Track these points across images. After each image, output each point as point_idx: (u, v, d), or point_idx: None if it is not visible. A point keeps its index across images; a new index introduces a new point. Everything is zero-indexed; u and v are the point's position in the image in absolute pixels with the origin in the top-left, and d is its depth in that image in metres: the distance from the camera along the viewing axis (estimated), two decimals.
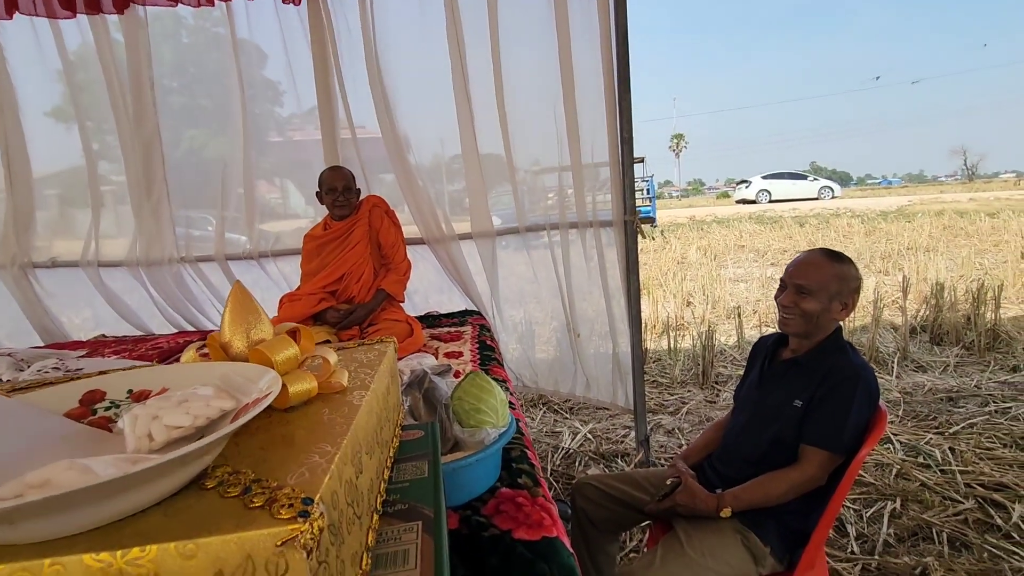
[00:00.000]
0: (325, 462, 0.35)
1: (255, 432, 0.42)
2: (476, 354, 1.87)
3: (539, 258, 2.61)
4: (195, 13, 2.28)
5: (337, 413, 0.46)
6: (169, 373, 0.57)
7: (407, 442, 0.70)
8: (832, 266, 1.29)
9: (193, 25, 2.27)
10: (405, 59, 2.41)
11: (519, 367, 2.73)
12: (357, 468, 0.41)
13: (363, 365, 0.65)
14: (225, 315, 0.57)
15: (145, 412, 0.35)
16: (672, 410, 3.13)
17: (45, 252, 2.44)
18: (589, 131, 2.40)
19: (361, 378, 0.58)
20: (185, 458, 0.30)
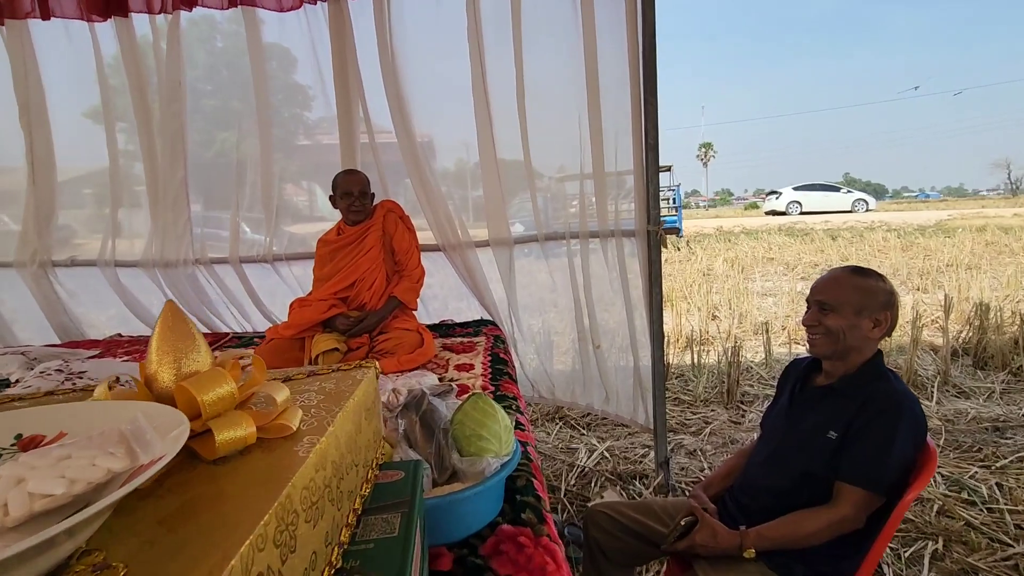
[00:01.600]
0: (221, 556, 0.26)
1: (165, 494, 0.34)
2: (488, 367, 1.79)
3: (559, 267, 2.52)
4: (229, 18, 2.30)
5: (276, 467, 0.38)
6: (71, 413, 0.48)
7: (383, 486, 0.62)
8: (853, 279, 1.18)
9: (227, 30, 2.28)
10: (423, 62, 2.36)
11: (536, 377, 2.64)
12: (286, 547, 0.32)
13: (330, 398, 0.57)
14: (152, 341, 0.50)
15: (10, 473, 0.28)
16: (695, 430, 3.00)
17: (82, 250, 2.43)
18: (613, 137, 2.32)
19: (322, 417, 0.50)
20: (39, 547, 0.22)
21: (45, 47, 2.33)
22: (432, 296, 2.59)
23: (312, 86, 2.38)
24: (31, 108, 2.32)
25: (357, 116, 2.30)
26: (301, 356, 1.90)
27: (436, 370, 1.80)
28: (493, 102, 2.34)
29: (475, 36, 2.28)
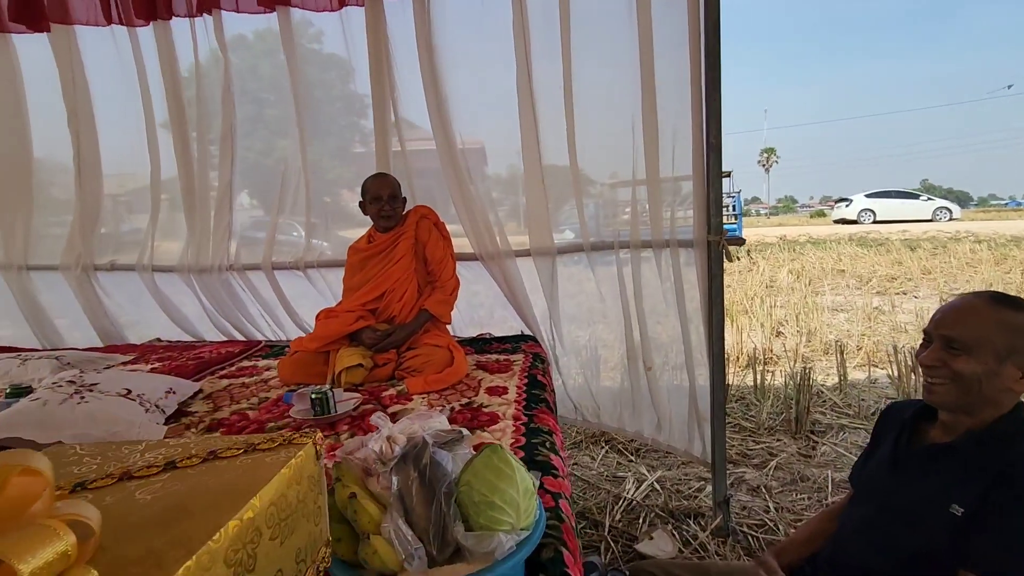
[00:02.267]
0: None
1: None
2: (523, 392, 1.60)
3: (606, 278, 2.31)
4: (293, 31, 2.27)
5: None
6: None
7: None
8: (998, 312, 0.90)
9: (290, 42, 2.26)
10: (469, 66, 2.23)
11: (580, 397, 2.43)
12: None
13: (226, 495, 0.41)
14: None
15: None
16: (758, 462, 2.69)
17: (155, 255, 2.44)
18: (670, 139, 2.09)
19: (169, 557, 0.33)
20: None
21: (91, 52, 2.34)
22: (478, 304, 2.44)
23: (368, 95, 2.30)
24: (79, 114, 2.33)
25: (390, 121, 2.19)
26: (326, 371, 1.78)
27: (466, 392, 1.63)
28: (539, 105, 2.18)
29: (521, 36, 2.12)
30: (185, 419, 1.49)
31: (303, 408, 1.44)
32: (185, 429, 1.42)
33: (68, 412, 1.30)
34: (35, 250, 2.45)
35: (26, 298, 2.47)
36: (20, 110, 2.39)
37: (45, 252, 2.45)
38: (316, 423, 1.40)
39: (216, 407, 1.59)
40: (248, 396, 1.68)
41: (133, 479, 0.55)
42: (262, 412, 1.52)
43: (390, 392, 1.66)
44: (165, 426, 1.40)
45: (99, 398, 1.36)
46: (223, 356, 2.14)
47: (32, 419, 1.27)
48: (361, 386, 1.73)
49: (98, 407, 1.33)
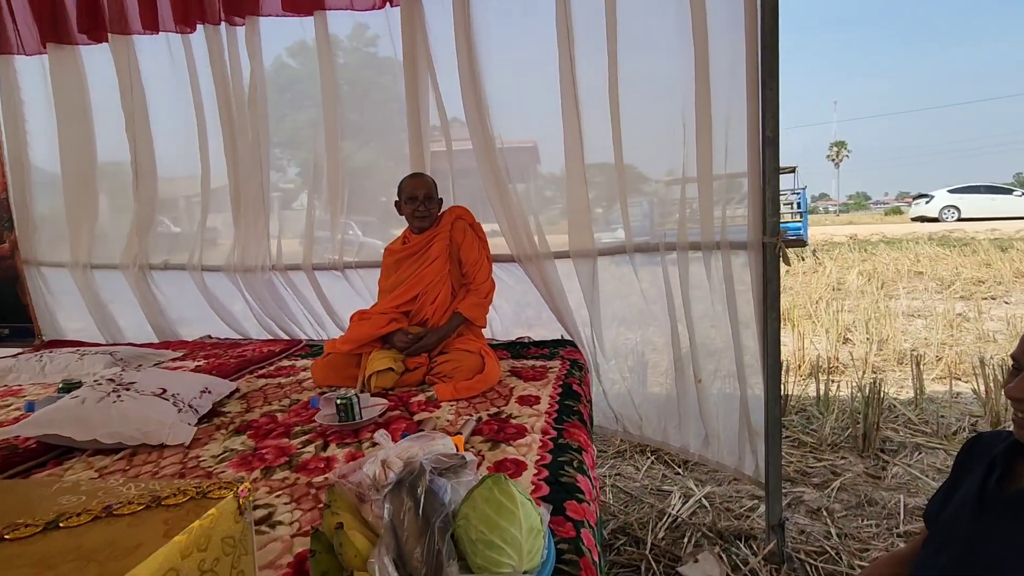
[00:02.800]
0: None
1: None
2: (555, 403, 1.52)
3: (652, 281, 2.18)
4: (350, 35, 2.33)
5: None
6: None
7: None
8: None
9: (348, 47, 2.34)
10: (507, 60, 2.16)
11: (621, 407, 2.31)
12: None
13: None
14: None
15: None
16: (819, 481, 2.48)
17: (203, 255, 2.55)
18: (723, 132, 1.94)
19: None
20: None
21: (147, 60, 2.43)
22: (526, 303, 2.37)
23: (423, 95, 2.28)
24: (136, 120, 2.43)
25: (426, 120, 2.15)
26: (358, 373, 1.76)
27: (497, 401, 1.56)
28: (583, 101, 2.08)
29: (564, 28, 2.03)
30: (217, 419, 1.50)
31: (328, 413, 1.41)
32: (216, 430, 1.42)
33: (104, 411, 1.32)
34: (98, 250, 2.58)
35: (91, 295, 2.61)
36: (86, 117, 2.52)
37: (107, 252, 2.58)
38: (340, 429, 1.37)
39: (249, 408, 1.59)
40: (281, 397, 1.68)
41: (5, 541, 0.49)
42: (291, 415, 1.51)
43: (419, 398, 1.61)
44: (196, 427, 1.41)
45: (134, 397, 1.38)
46: (264, 355, 2.17)
47: (70, 416, 1.30)
48: (391, 390, 1.70)
49: (132, 407, 1.35)
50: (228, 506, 0.52)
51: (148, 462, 1.25)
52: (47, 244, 2.66)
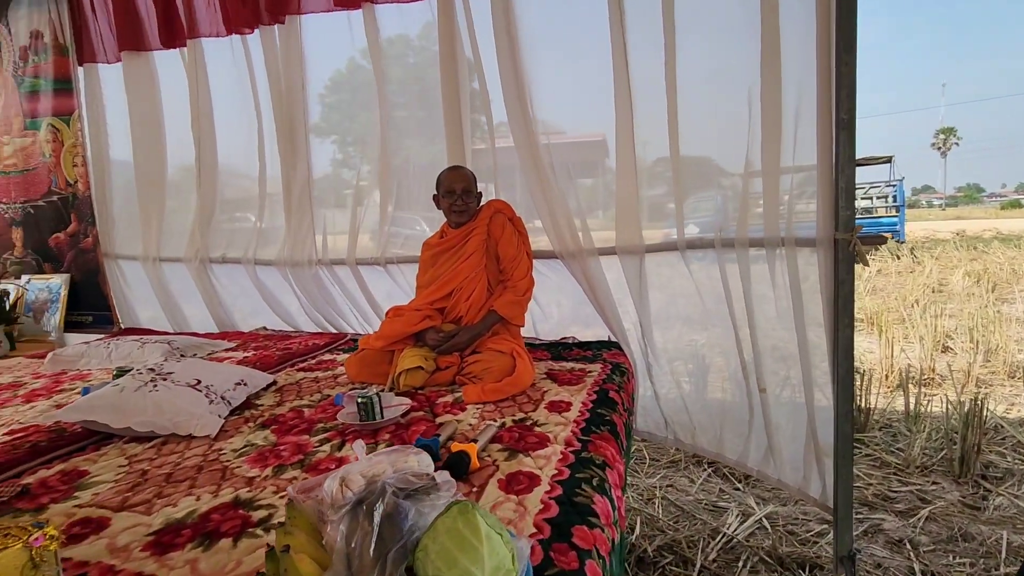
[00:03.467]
0: None
1: None
2: (587, 410, 1.41)
3: (708, 280, 2.00)
4: (420, 34, 2.35)
5: None
6: None
7: None
8: None
9: (418, 46, 2.37)
10: (553, 48, 2.07)
11: (673, 412, 2.15)
12: None
13: None
14: None
15: None
16: (903, 508, 2.20)
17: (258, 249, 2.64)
18: (792, 117, 1.74)
19: None
20: None
21: (213, 61, 2.54)
22: (585, 300, 2.27)
23: (490, 91, 2.26)
24: (200, 120, 2.55)
25: (464, 114, 2.12)
26: (389, 369, 1.73)
27: (525, 405, 1.47)
28: (636, 89, 1.94)
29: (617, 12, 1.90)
30: (248, 412, 1.52)
31: (351, 411, 1.38)
32: (244, 423, 1.43)
33: (140, 399, 1.37)
34: (167, 244, 2.75)
35: (160, 286, 2.78)
36: (157, 120, 2.68)
37: (173, 245, 2.73)
38: (360, 429, 1.34)
39: (281, 401, 1.60)
40: (314, 392, 1.68)
41: None
42: (317, 411, 1.50)
43: (446, 399, 1.55)
44: (224, 419, 1.43)
45: (169, 388, 1.42)
46: (308, 348, 2.20)
47: (109, 403, 1.35)
48: (421, 390, 1.65)
49: (166, 396, 1.38)
50: (13, 559, 0.43)
51: (175, 452, 1.27)
52: (123, 238, 2.86)
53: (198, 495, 1.05)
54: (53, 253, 3.06)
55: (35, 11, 2.85)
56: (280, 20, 2.32)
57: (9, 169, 3.08)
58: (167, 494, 1.06)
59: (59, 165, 2.95)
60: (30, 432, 1.37)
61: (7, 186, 3.10)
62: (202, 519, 0.96)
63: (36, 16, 2.86)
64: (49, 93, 2.89)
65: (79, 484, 1.12)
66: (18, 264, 3.16)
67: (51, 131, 2.93)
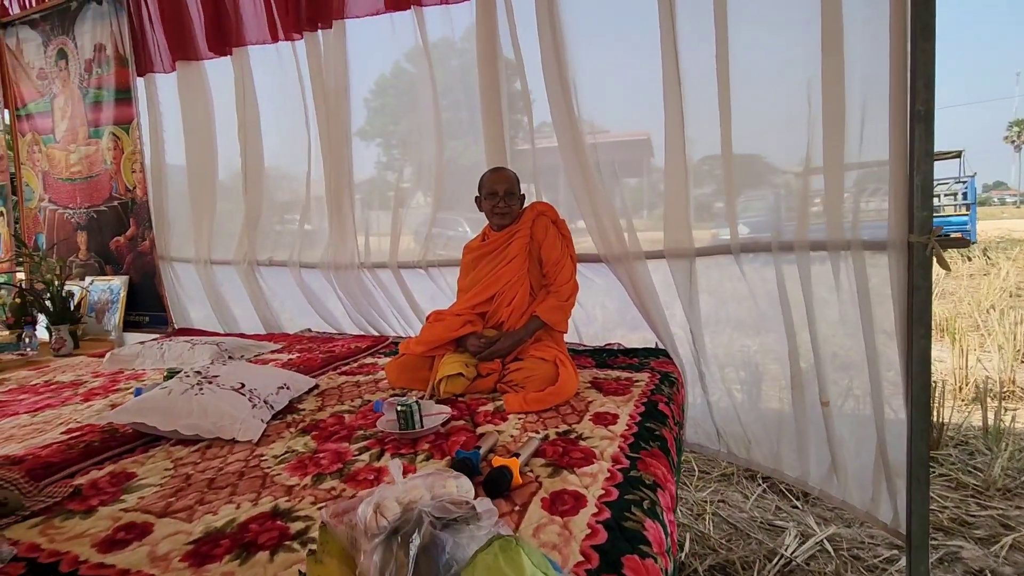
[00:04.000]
0: None
1: None
2: (635, 423, 1.33)
3: (765, 284, 1.89)
4: (463, 37, 2.34)
5: None
6: None
7: None
8: None
9: (461, 48, 2.37)
10: (598, 44, 2.00)
11: (726, 423, 2.03)
12: None
13: None
14: None
15: None
16: (984, 535, 2.01)
17: (302, 252, 2.68)
18: (859, 110, 1.61)
19: None
20: None
21: (259, 68, 2.59)
22: (629, 303, 2.19)
23: (533, 90, 2.24)
24: (247, 125, 2.60)
25: (502, 113, 2.08)
26: (429, 375, 1.70)
27: (569, 417, 1.41)
28: (687, 84, 1.85)
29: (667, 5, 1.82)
30: (291, 416, 1.52)
31: (390, 419, 1.35)
32: (286, 428, 1.43)
33: (186, 403, 1.38)
34: (218, 246, 2.82)
35: (211, 288, 2.86)
36: (209, 126, 2.75)
37: (224, 248, 2.80)
38: (400, 438, 1.31)
39: (322, 406, 1.59)
40: (355, 397, 1.67)
41: None
42: (358, 417, 1.48)
43: (487, 408, 1.51)
44: (266, 424, 1.42)
45: (214, 391, 1.43)
46: (351, 351, 2.21)
47: (157, 406, 1.37)
48: (461, 397, 1.61)
49: (211, 400, 1.39)
50: None
51: (218, 456, 1.27)
52: (178, 241, 2.95)
53: (238, 503, 1.04)
54: (113, 256, 3.21)
55: (98, 25, 2.99)
56: (327, 26, 2.34)
57: (75, 176, 3.25)
58: (208, 501, 1.06)
59: (119, 172, 3.08)
60: (85, 432, 1.40)
61: (73, 192, 3.27)
62: (241, 529, 0.95)
63: (99, 30, 2.99)
64: (111, 103, 3.03)
65: (126, 487, 1.14)
66: (82, 267, 3.32)
67: (112, 139, 3.06)
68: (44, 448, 1.30)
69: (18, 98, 3.42)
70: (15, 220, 3.57)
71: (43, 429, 1.50)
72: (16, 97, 3.42)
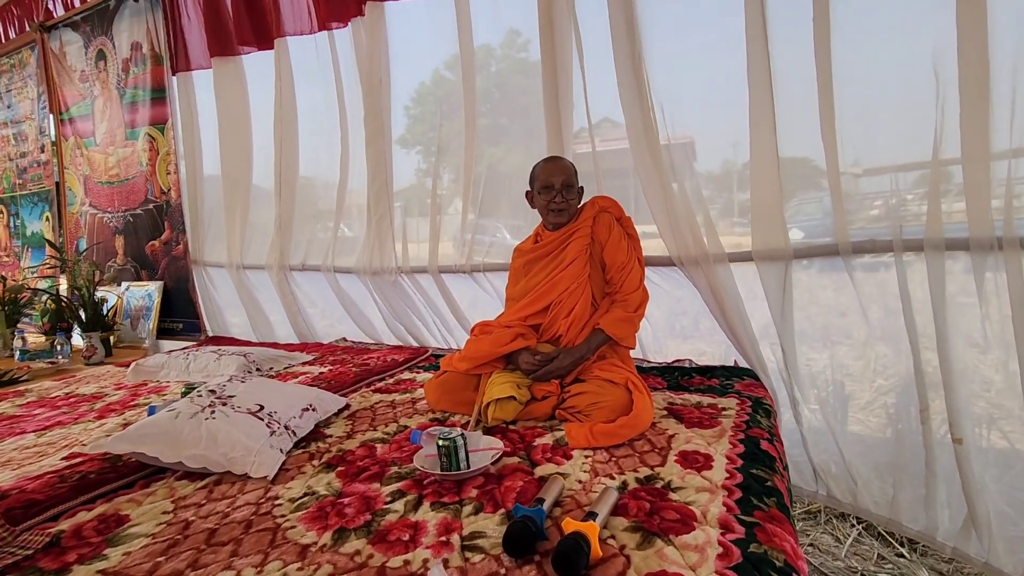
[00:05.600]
0: None
1: None
2: (736, 469, 1.04)
3: (871, 290, 1.57)
4: (503, 43, 2.23)
5: None
6: None
7: None
8: None
9: (500, 54, 2.29)
10: (675, 40, 1.76)
11: (824, 461, 1.71)
12: None
13: None
14: None
15: None
16: None
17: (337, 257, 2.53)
18: (1008, 92, 1.30)
19: None
20: None
21: (298, 63, 2.44)
22: (680, 312, 1.93)
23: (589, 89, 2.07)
24: (284, 122, 2.44)
25: (569, 120, 1.90)
26: (475, 397, 1.45)
27: (649, 455, 1.14)
28: (778, 76, 1.56)
29: None
30: (315, 444, 1.30)
31: (430, 455, 1.12)
32: (308, 459, 1.21)
33: (194, 429, 1.18)
34: (253, 250, 2.67)
35: (246, 293, 2.71)
36: (244, 125, 2.62)
37: (258, 252, 2.65)
38: (441, 480, 1.06)
39: (352, 432, 1.37)
40: (389, 421, 1.44)
41: None
42: (392, 447, 1.25)
43: (545, 440, 1.25)
44: (285, 454, 1.21)
45: (227, 415, 1.23)
46: (387, 365, 1.99)
47: (161, 432, 1.18)
48: (512, 425, 1.36)
49: (222, 426, 1.19)
50: None
51: (227, 496, 1.06)
52: (212, 245, 2.82)
53: (238, 569, 0.82)
54: (149, 261, 3.12)
55: (135, 22, 2.91)
56: (360, 13, 2.16)
57: (113, 179, 3.18)
58: (203, 564, 0.84)
59: (154, 173, 2.99)
60: (84, 460, 1.22)
61: (111, 196, 3.20)
62: None
63: (136, 27, 2.91)
64: (147, 103, 2.94)
65: (113, 537, 0.93)
66: (120, 271, 3.25)
67: (148, 140, 2.97)
68: (34, 480, 1.12)
69: (62, 102, 3.39)
70: (59, 225, 3.55)
71: (45, 452, 1.34)
72: (61, 101, 3.40)
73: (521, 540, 0.81)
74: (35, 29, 3.37)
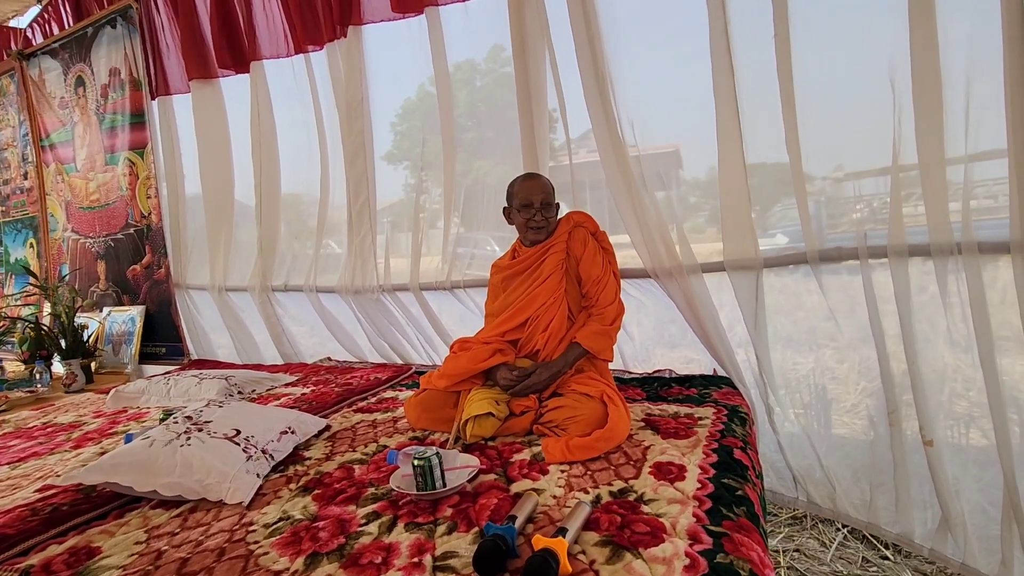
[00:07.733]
0: None
1: None
2: (708, 479, 1.06)
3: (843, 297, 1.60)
4: (487, 58, 2.26)
5: None
6: None
7: None
8: None
9: (484, 68, 2.32)
10: (638, 51, 1.81)
11: (802, 467, 1.73)
12: None
13: None
14: None
15: None
16: None
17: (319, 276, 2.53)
18: (962, 95, 1.34)
19: None
20: None
21: (274, 86, 2.46)
22: (668, 320, 1.94)
23: (556, 109, 2.09)
24: (263, 145, 2.46)
25: (545, 128, 1.93)
26: (455, 414, 1.46)
27: (623, 468, 1.15)
28: (742, 83, 1.62)
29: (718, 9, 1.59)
30: (293, 467, 1.30)
31: (406, 475, 1.12)
32: (285, 483, 1.21)
33: (168, 457, 1.18)
34: (237, 272, 2.67)
35: (229, 315, 2.70)
36: (224, 147, 2.63)
37: (241, 274, 2.65)
38: (416, 500, 1.07)
39: (331, 454, 1.37)
40: (369, 441, 1.44)
41: None
42: (370, 468, 1.25)
43: (523, 456, 1.26)
44: (261, 479, 1.21)
45: (202, 441, 1.23)
46: (370, 383, 1.99)
47: (135, 461, 1.17)
48: (491, 441, 1.37)
49: (197, 453, 1.19)
50: None
51: (201, 524, 1.06)
52: (195, 268, 2.82)
53: None
54: (130, 285, 3.10)
55: (113, 48, 2.93)
56: (343, 34, 2.19)
57: (94, 204, 3.17)
58: None
59: (135, 198, 2.98)
60: (57, 492, 1.21)
61: (92, 221, 3.19)
62: None
63: (114, 53, 2.93)
64: (126, 128, 2.95)
65: (83, 571, 0.93)
66: (102, 296, 3.23)
67: (127, 164, 2.97)
68: (5, 514, 1.11)
69: (42, 129, 3.39)
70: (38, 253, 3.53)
71: (19, 484, 1.32)
72: (40, 128, 3.40)
73: (491, 559, 0.82)
74: (14, 57, 3.38)
